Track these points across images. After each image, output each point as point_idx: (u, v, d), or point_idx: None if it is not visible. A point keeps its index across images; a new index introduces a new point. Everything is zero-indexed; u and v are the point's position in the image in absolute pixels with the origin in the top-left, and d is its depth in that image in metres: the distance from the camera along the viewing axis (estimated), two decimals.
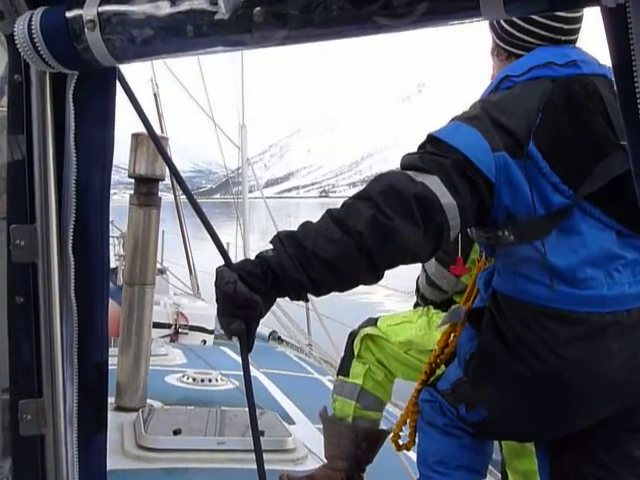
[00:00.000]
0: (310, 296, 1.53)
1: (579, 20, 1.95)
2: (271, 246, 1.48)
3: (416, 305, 2.79)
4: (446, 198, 1.57)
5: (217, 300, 1.42)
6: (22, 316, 1.10)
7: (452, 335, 2.09)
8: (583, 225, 1.74)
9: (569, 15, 1.90)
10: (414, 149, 1.74)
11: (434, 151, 1.68)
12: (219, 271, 1.41)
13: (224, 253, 1.33)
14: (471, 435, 1.95)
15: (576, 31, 1.95)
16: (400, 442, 2.25)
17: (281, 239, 1.46)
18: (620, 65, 0.67)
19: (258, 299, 1.40)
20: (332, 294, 1.56)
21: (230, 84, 7.68)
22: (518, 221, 1.74)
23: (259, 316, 1.42)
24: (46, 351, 1.10)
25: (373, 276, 1.55)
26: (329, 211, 1.53)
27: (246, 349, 1.37)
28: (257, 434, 1.25)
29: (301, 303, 5.23)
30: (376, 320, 2.66)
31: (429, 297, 2.65)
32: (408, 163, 1.66)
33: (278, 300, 1.53)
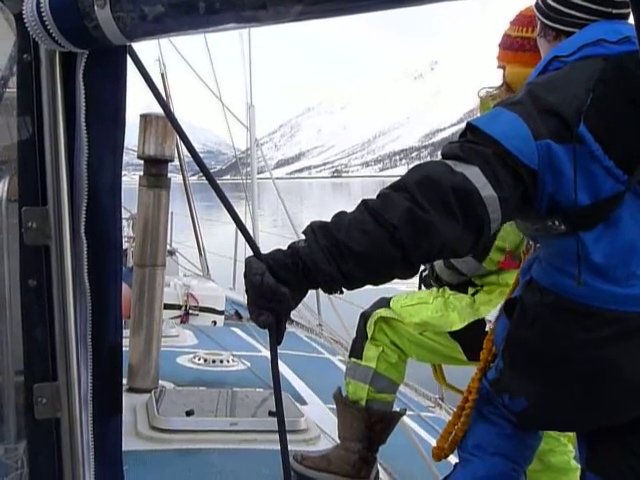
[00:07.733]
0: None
1: None
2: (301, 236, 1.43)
3: (420, 287, 2.77)
4: (487, 190, 1.48)
5: (246, 291, 1.38)
6: (35, 299, 1.09)
7: None
8: (631, 216, 1.65)
9: None
10: (427, 128, 1.70)
11: (474, 140, 1.58)
12: (248, 261, 1.37)
13: (251, 241, 1.29)
14: (513, 425, 1.92)
15: (627, 4, 1.81)
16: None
17: (314, 229, 1.41)
18: None
19: (286, 292, 1.35)
20: None
21: (238, 63, 7.62)
22: (565, 210, 1.64)
23: (288, 309, 1.37)
24: (60, 334, 1.09)
25: (408, 271, 1.47)
26: (364, 201, 1.45)
27: (275, 342, 1.33)
28: (283, 426, 1.21)
29: None
30: (388, 301, 2.65)
31: (446, 279, 2.61)
32: (448, 152, 1.57)
33: None
